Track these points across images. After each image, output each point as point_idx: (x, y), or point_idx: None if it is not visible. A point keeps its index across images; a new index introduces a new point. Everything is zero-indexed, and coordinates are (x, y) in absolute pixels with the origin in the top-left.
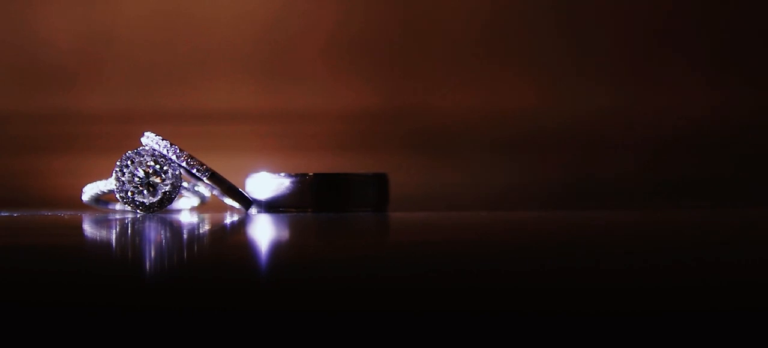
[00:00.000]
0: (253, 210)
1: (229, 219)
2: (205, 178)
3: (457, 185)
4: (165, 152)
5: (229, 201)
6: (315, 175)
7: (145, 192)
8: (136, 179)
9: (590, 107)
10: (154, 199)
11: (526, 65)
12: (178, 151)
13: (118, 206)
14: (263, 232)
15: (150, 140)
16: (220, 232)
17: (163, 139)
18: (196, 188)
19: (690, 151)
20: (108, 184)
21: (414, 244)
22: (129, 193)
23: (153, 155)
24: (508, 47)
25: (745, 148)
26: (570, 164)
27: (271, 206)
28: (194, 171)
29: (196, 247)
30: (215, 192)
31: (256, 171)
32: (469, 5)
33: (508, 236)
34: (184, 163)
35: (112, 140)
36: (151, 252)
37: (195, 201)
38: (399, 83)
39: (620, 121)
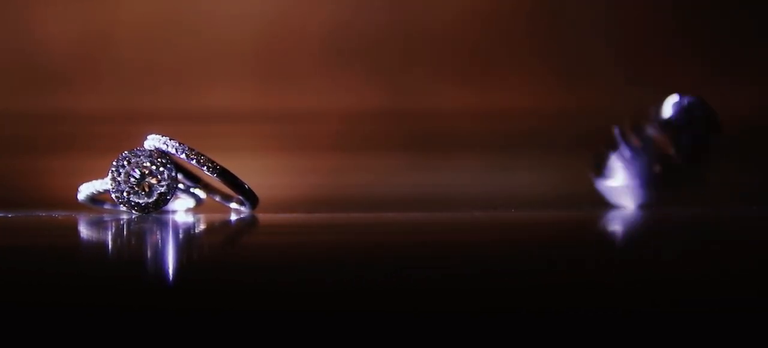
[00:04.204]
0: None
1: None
2: (215, 176)
3: (457, 186)
4: (173, 151)
5: (227, 201)
6: None
7: (140, 193)
8: (132, 180)
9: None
10: (150, 200)
11: (525, 65)
12: (187, 149)
13: (110, 205)
14: None
15: (154, 141)
16: None
17: (170, 139)
18: (192, 190)
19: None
20: (104, 184)
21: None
22: (124, 194)
23: (150, 156)
24: (511, 47)
25: None
26: (575, 166)
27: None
28: (204, 169)
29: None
30: (217, 198)
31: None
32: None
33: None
34: (194, 161)
35: (111, 141)
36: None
37: (191, 202)
38: (401, 83)
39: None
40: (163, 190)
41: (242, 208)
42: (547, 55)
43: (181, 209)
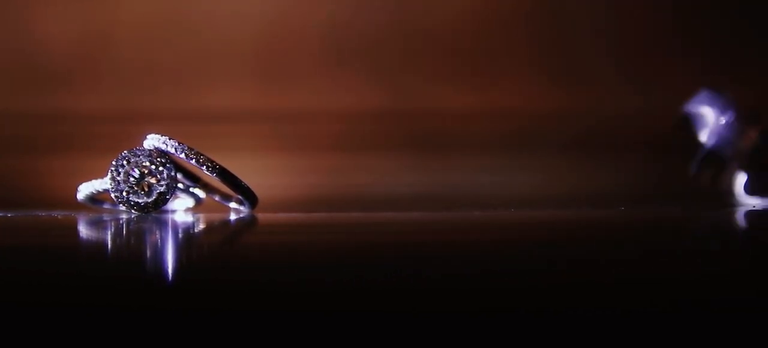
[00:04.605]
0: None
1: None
2: (214, 175)
3: (456, 186)
4: (173, 150)
5: (227, 201)
6: None
7: (140, 192)
8: (132, 179)
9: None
10: (149, 200)
11: (521, 66)
12: (186, 149)
13: (110, 205)
14: None
15: (154, 141)
16: None
17: (170, 138)
18: (192, 189)
19: None
20: (103, 184)
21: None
22: (124, 193)
23: (149, 156)
24: (510, 47)
25: None
26: (574, 166)
27: None
28: (204, 169)
29: None
30: (217, 198)
31: None
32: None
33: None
34: (194, 161)
35: (111, 141)
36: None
37: (190, 202)
38: (401, 83)
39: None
40: (162, 189)
41: (242, 208)
42: (547, 55)
43: (181, 209)
